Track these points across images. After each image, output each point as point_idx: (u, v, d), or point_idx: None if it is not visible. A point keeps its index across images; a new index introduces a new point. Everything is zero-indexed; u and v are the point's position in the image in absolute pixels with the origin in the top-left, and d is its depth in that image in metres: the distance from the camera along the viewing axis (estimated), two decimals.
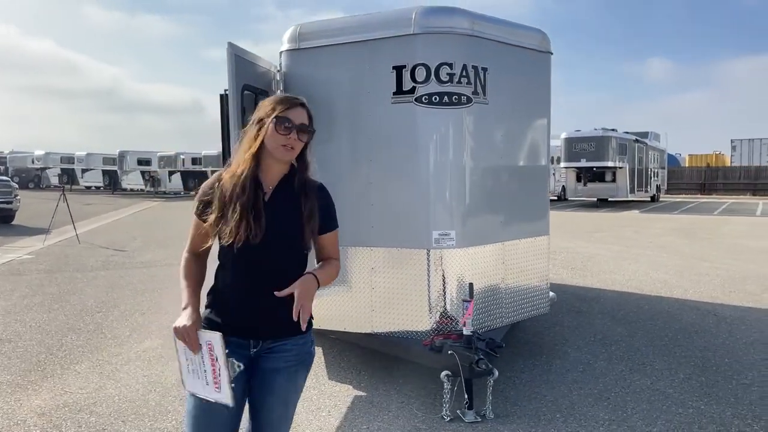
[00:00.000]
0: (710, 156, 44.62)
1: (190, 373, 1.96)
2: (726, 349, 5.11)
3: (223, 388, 1.88)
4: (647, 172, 26.04)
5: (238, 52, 3.97)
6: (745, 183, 35.78)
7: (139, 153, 37.04)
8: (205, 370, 1.90)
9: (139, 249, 11.96)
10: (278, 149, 1.94)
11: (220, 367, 1.88)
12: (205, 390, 1.92)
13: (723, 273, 8.74)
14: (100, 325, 6.11)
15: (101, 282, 8.46)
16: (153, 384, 4.46)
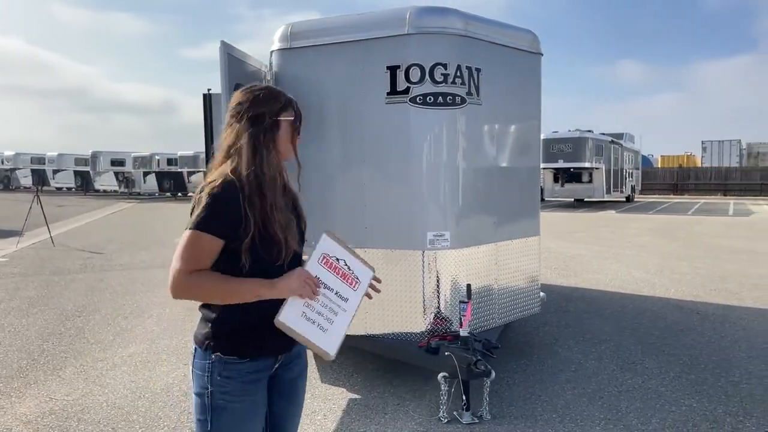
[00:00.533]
0: (682, 157, 45.51)
1: (315, 323, 1.73)
2: (712, 347, 5.18)
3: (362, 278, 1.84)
4: (623, 173, 26.44)
5: (231, 51, 3.90)
6: (715, 183, 36.54)
7: (112, 153, 36.44)
8: (337, 292, 1.78)
9: (117, 251, 11.73)
10: (290, 150, 1.89)
11: (346, 264, 1.81)
12: (319, 333, 1.73)
13: (702, 272, 8.90)
14: (81, 330, 5.97)
15: (80, 285, 8.28)
16: (141, 390, 4.36)
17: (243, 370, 1.77)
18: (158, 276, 8.98)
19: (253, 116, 1.79)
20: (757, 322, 5.98)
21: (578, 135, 22.61)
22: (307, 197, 4.46)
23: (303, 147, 4.57)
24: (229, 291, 1.69)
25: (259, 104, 1.81)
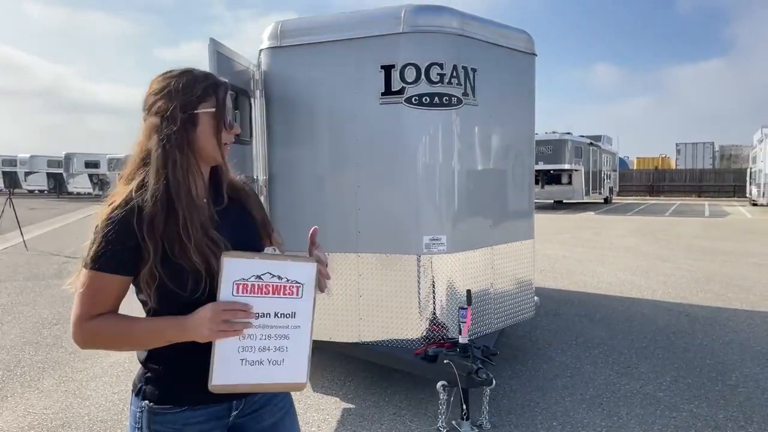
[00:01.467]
0: (657, 159, 46.22)
1: (263, 362, 1.40)
2: (705, 350, 5.15)
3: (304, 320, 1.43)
4: (601, 175, 26.68)
5: (220, 49, 3.74)
6: (690, 185, 37.14)
7: (86, 155, 35.74)
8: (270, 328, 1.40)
9: None
10: (218, 150, 1.47)
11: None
12: (273, 370, 1.41)
13: (687, 273, 8.93)
14: (59, 339, 5.74)
15: (55, 292, 8.00)
16: (124, 402, 4.17)
17: (179, 422, 1.43)
18: None
19: (164, 112, 1.42)
20: (746, 324, 5.99)
21: (558, 137, 22.75)
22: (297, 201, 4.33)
23: (294, 149, 4.44)
24: (134, 337, 1.38)
25: (170, 96, 1.42)
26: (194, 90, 1.44)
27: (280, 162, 4.35)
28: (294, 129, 4.28)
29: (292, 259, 1.42)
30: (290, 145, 4.30)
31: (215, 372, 1.36)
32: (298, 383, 1.44)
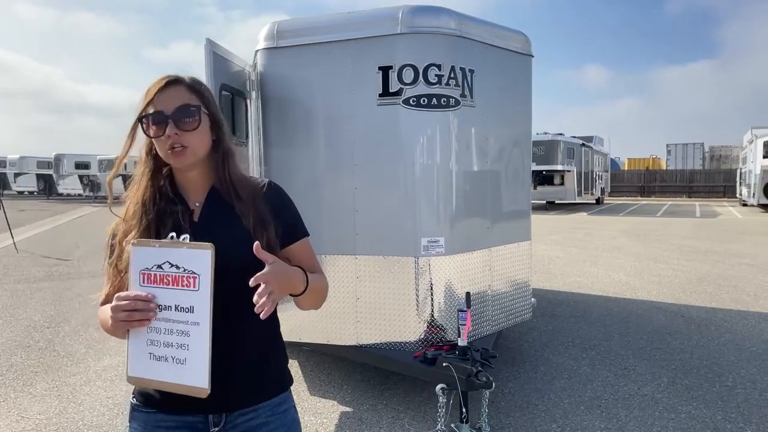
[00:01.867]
0: (647, 160, 46.49)
1: (167, 359, 1.32)
2: (701, 350, 5.16)
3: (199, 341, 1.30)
4: (593, 175, 26.78)
5: (216, 50, 3.71)
6: (680, 185, 37.36)
7: (77, 156, 35.51)
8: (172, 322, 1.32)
9: (84, 258, 11.32)
10: (168, 156, 1.42)
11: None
12: (177, 369, 1.32)
13: (680, 274, 8.96)
14: (51, 342, 5.68)
15: (47, 294, 7.93)
16: (119, 406, 4.12)
17: (149, 423, 1.43)
18: None
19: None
20: (741, 324, 6.01)
21: (550, 138, 22.81)
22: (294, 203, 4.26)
23: (291, 150, 4.41)
24: (102, 321, 1.43)
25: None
26: (144, 96, 1.44)
27: (276, 164, 4.32)
28: (290, 130, 4.25)
29: (188, 246, 1.33)
30: (286, 146, 4.26)
31: (129, 363, 1.34)
32: (200, 388, 1.30)
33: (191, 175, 1.49)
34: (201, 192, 1.49)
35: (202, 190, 1.50)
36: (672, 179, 38.30)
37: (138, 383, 1.37)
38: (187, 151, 1.41)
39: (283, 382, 1.54)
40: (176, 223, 1.42)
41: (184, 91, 1.43)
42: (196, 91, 1.45)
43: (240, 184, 1.48)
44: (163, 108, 1.39)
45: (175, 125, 1.39)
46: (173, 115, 1.39)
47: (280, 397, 1.50)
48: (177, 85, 1.43)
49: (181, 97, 1.41)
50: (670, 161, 46.30)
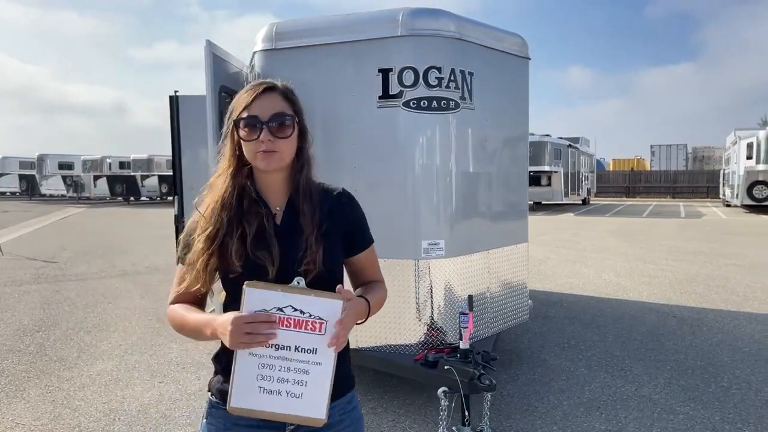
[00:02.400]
0: (632, 161, 46.93)
1: (280, 393, 1.37)
2: (695, 351, 5.21)
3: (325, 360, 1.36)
4: (579, 176, 26.98)
5: (216, 51, 3.67)
6: (665, 186, 37.75)
7: (60, 156, 35.13)
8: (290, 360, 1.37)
9: (71, 260, 11.19)
10: (257, 159, 1.47)
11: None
12: (291, 401, 1.37)
13: (669, 274, 9.05)
14: (42, 346, 5.60)
15: (35, 297, 7.82)
16: (115, 412, 4.07)
17: (228, 420, 1.46)
18: (119, 286, 8.57)
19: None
20: (733, 325, 6.07)
21: (537, 139, 22.94)
22: None
23: None
24: (186, 328, 1.49)
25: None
26: (234, 104, 1.52)
27: None
28: None
29: (316, 294, 1.37)
30: None
31: (233, 394, 1.36)
32: (316, 419, 1.38)
33: (272, 179, 1.54)
34: (281, 196, 1.55)
35: (281, 194, 1.55)
36: (656, 180, 38.70)
37: (241, 413, 1.38)
38: (276, 156, 1.47)
39: (350, 381, 1.61)
40: (261, 225, 1.48)
41: (280, 98, 1.50)
42: (289, 100, 1.52)
43: (307, 192, 1.53)
44: (258, 113, 1.46)
45: (269, 131, 1.45)
46: (269, 121, 1.45)
47: (348, 396, 1.58)
48: (273, 92, 1.50)
49: (277, 105, 1.48)
50: (654, 162, 46.79)
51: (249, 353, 1.35)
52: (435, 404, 3.78)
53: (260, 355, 1.35)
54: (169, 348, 5.50)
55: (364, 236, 1.67)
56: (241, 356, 1.35)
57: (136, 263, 10.77)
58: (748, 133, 22.90)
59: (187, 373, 4.82)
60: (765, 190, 21.94)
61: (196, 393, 4.38)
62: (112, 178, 33.36)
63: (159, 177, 32.13)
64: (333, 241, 1.53)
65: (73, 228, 18.24)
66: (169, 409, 4.10)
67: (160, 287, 8.44)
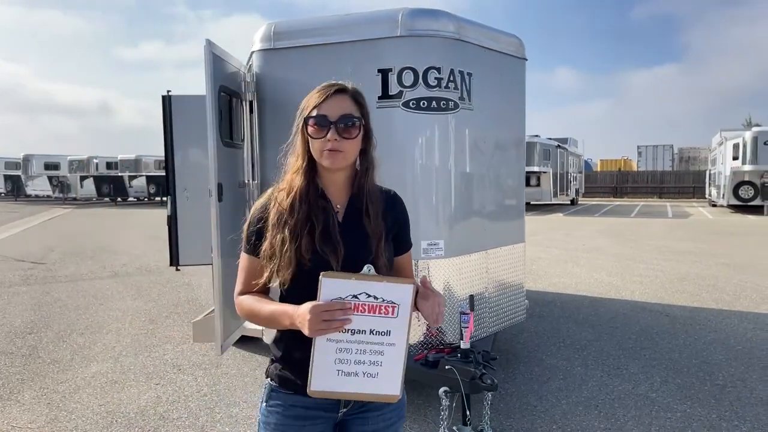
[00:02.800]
0: (619, 161, 47.29)
1: (357, 374, 1.46)
2: (689, 350, 5.26)
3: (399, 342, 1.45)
4: (568, 177, 27.14)
5: (215, 50, 3.65)
6: (652, 186, 38.08)
7: (46, 156, 34.76)
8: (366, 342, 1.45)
9: (60, 261, 11.08)
10: (323, 156, 1.54)
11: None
12: (366, 381, 1.46)
13: (660, 274, 9.13)
14: (35, 348, 5.53)
15: (25, 299, 7.73)
16: (112, 414, 4.03)
17: (287, 403, 1.58)
18: (109, 288, 8.50)
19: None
20: (724, 323, 6.14)
21: (527, 139, 22.96)
22: None
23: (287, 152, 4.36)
24: (261, 318, 1.57)
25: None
26: (305, 103, 1.62)
27: (272, 166, 4.27)
28: (287, 133, 4.19)
29: (388, 280, 1.46)
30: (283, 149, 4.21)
31: (313, 378, 1.45)
32: (391, 395, 1.49)
33: (336, 177, 1.61)
34: (343, 194, 1.63)
35: (343, 192, 1.63)
36: (643, 180, 39.03)
37: (322, 395, 1.47)
38: (341, 155, 1.54)
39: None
40: (327, 220, 1.56)
41: (349, 100, 1.57)
42: (358, 102, 1.59)
43: (372, 195, 1.62)
44: (327, 113, 1.53)
45: (336, 131, 1.52)
46: (337, 122, 1.53)
47: None
48: (343, 93, 1.57)
49: (346, 107, 1.55)
50: (641, 162, 47.20)
51: (327, 339, 1.42)
52: (434, 404, 3.80)
53: (337, 340, 1.43)
54: (164, 349, 5.46)
55: (407, 240, 1.76)
56: (319, 342, 1.43)
57: (127, 264, 10.69)
58: (734, 134, 23.16)
59: (184, 374, 4.79)
60: (751, 191, 22.21)
61: (194, 394, 4.35)
62: (99, 178, 33.06)
63: (147, 177, 31.90)
64: (389, 243, 1.63)
65: (61, 229, 18.06)
66: (168, 411, 4.07)
67: (152, 288, 8.39)
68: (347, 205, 1.62)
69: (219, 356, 4.95)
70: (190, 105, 6.53)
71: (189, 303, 7.42)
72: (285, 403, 1.58)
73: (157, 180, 31.57)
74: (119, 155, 32.90)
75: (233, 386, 4.50)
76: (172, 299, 7.66)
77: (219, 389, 4.45)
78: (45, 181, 35.22)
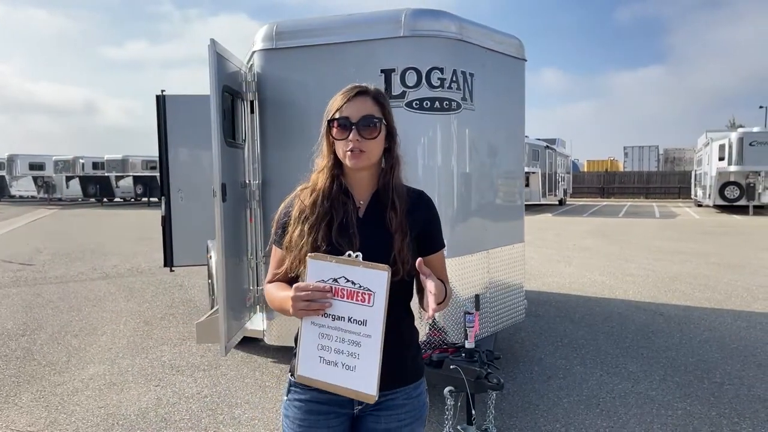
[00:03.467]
0: (606, 162, 47.67)
1: (337, 364, 1.45)
2: (686, 348, 5.32)
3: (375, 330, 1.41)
4: (556, 177, 27.31)
5: (220, 50, 3.63)
6: (638, 187, 38.42)
7: (31, 157, 34.34)
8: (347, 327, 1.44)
9: (49, 263, 10.96)
10: (347, 157, 1.58)
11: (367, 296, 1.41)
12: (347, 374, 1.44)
13: (651, 273, 9.22)
14: (29, 351, 5.47)
15: (15, 301, 7.64)
16: (112, 416, 4.00)
17: (303, 398, 1.63)
18: (101, 289, 8.42)
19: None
20: (718, 322, 6.21)
21: None
22: None
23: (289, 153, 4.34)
24: (276, 303, 1.62)
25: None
26: (329, 105, 1.65)
27: (273, 166, 4.26)
28: (288, 133, 4.20)
29: (365, 265, 1.43)
30: (284, 149, 4.21)
31: (299, 363, 1.48)
32: (368, 395, 1.42)
33: (360, 176, 1.65)
34: (366, 192, 1.67)
35: (367, 190, 1.67)
36: (630, 181, 39.36)
37: (307, 382, 1.49)
38: (363, 155, 1.58)
39: (418, 371, 1.71)
40: (346, 216, 1.60)
41: (370, 102, 1.60)
42: (379, 103, 1.62)
43: (398, 191, 1.64)
44: (349, 115, 1.57)
45: (357, 132, 1.56)
46: (358, 123, 1.57)
47: (415, 384, 1.68)
48: (365, 95, 1.60)
49: (367, 108, 1.59)
50: (627, 163, 47.61)
51: (311, 322, 1.45)
52: (437, 404, 3.81)
53: (320, 324, 1.44)
54: (161, 351, 5.42)
55: (436, 239, 1.73)
56: (305, 325, 1.46)
57: (118, 265, 10.59)
58: (720, 134, 23.44)
59: (183, 375, 4.76)
60: (736, 191, 22.49)
61: (194, 396, 4.32)
62: (85, 178, 32.71)
63: (134, 178, 31.63)
64: (412, 241, 1.63)
65: (47, 230, 17.86)
66: (169, 412, 4.04)
67: (145, 290, 8.32)
68: (370, 201, 1.66)
69: (221, 357, 4.92)
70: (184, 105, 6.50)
71: (183, 304, 7.37)
72: (302, 398, 1.62)
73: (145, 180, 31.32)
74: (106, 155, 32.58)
75: (234, 387, 4.48)
76: (165, 300, 7.60)
77: (219, 390, 4.43)
78: (30, 181, 34.79)
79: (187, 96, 6.55)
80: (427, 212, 1.71)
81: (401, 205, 1.63)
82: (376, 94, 1.63)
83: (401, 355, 1.64)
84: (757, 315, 6.51)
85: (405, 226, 1.60)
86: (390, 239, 1.58)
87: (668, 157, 48.02)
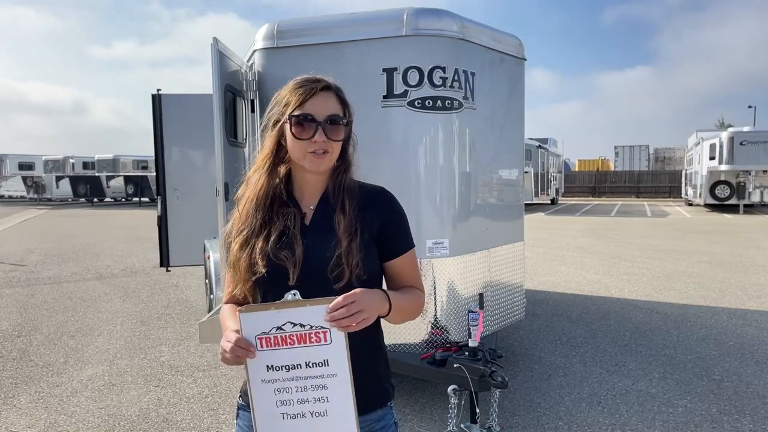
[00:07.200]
0: (597, 161, 47.90)
1: (304, 415, 1.30)
2: (683, 346, 5.35)
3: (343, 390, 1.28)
4: (548, 176, 27.42)
5: (222, 49, 3.62)
6: (629, 186, 38.66)
7: (20, 156, 34.06)
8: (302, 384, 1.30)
9: (41, 263, 10.87)
10: (307, 159, 1.41)
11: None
12: (317, 421, 1.30)
13: (646, 272, 9.27)
14: (25, 352, 5.42)
15: (9, 301, 7.57)
16: (113, 417, 3.97)
17: (251, 422, 1.37)
18: (96, 289, 8.36)
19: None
20: (713, 320, 6.25)
21: None
22: None
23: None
24: (223, 329, 1.42)
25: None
26: (285, 100, 1.49)
27: None
28: None
29: (311, 303, 1.27)
30: None
31: (257, 427, 1.30)
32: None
33: (311, 179, 1.47)
34: (316, 196, 1.49)
35: (317, 193, 1.49)
36: (621, 180, 39.60)
37: None
38: (327, 156, 1.42)
39: (380, 396, 1.48)
40: (286, 225, 1.42)
41: (335, 100, 1.44)
42: (342, 101, 1.46)
43: (349, 191, 1.46)
44: (314, 112, 1.40)
45: (324, 133, 1.39)
46: (325, 122, 1.40)
47: (377, 414, 1.46)
48: (329, 92, 1.44)
49: (332, 107, 1.43)
50: (618, 162, 47.85)
51: (261, 380, 1.28)
52: (440, 403, 3.82)
53: (272, 380, 1.28)
54: (160, 351, 5.39)
55: (400, 240, 1.51)
56: (254, 386, 1.29)
57: (111, 266, 10.52)
58: (711, 134, 23.61)
59: (183, 376, 4.73)
60: (727, 190, 22.67)
61: (195, 396, 4.31)
62: (75, 178, 32.49)
63: (125, 177, 31.44)
64: (366, 242, 1.43)
65: (38, 230, 17.72)
66: (170, 413, 4.01)
67: (140, 290, 8.27)
68: (317, 205, 1.48)
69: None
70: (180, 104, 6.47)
71: (180, 304, 7.33)
72: (248, 422, 1.42)
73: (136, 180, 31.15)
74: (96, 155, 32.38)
75: (234, 388, 4.46)
76: (161, 301, 7.56)
77: (220, 390, 4.41)
78: (19, 181, 34.53)
79: (184, 95, 6.52)
80: (386, 209, 1.50)
81: (350, 205, 1.44)
82: (338, 90, 1.47)
83: (361, 379, 1.35)
84: (751, 313, 6.56)
85: (354, 225, 1.41)
86: (339, 243, 1.39)
87: (658, 157, 48.30)
